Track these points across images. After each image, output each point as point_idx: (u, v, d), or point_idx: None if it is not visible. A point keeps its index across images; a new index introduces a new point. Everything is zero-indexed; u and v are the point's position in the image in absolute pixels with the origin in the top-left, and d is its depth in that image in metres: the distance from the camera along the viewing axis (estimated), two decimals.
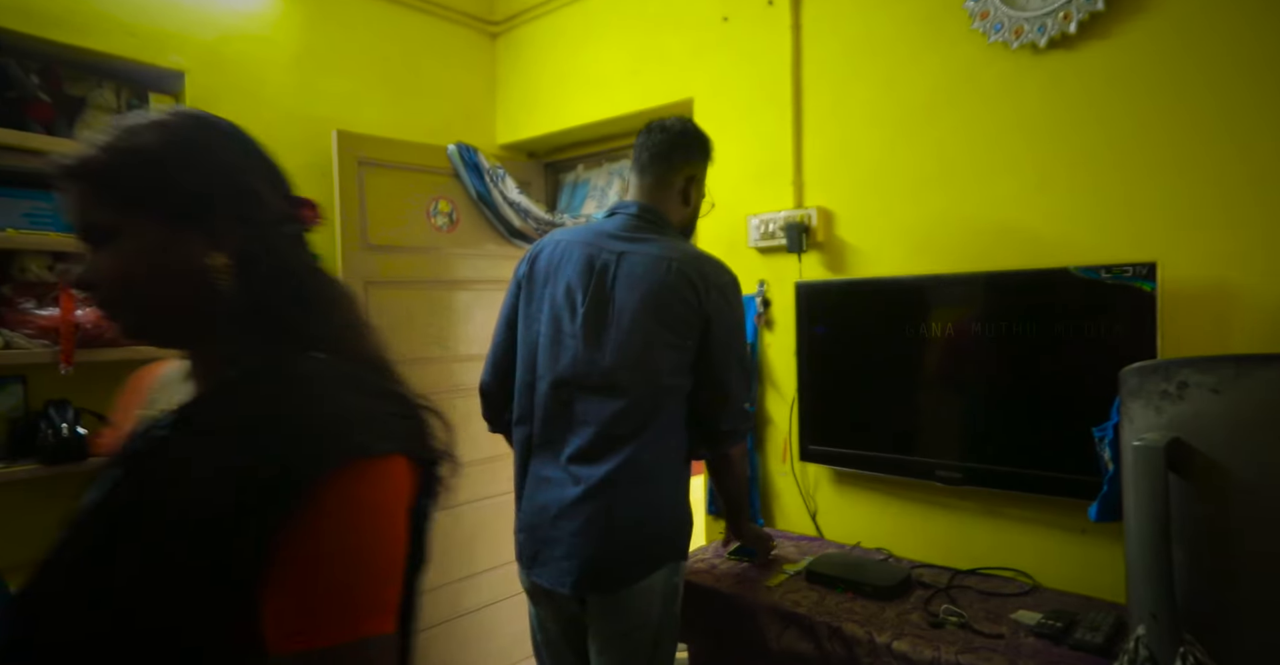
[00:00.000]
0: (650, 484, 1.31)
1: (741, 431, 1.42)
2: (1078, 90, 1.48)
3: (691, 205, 1.47)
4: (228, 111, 1.97)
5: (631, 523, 1.29)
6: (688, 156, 1.43)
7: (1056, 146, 1.51)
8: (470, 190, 2.45)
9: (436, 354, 2.41)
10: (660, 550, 1.34)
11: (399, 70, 2.41)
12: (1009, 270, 1.55)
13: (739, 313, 1.39)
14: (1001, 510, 1.61)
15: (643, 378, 1.29)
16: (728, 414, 1.37)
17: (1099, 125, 1.46)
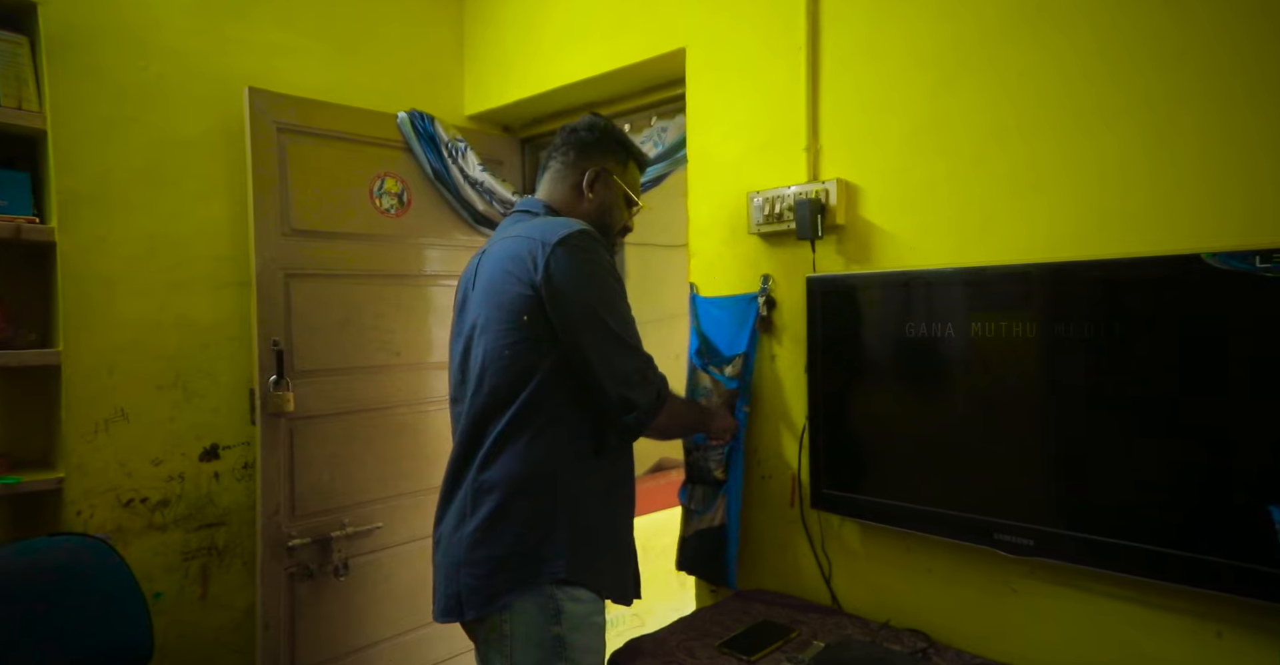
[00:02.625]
0: (487, 495, 1.13)
1: (639, 402, 1.14)
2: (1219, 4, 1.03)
3: (597, 200, 1.30)
4: (102, 58, 1.52)
5: (464, 546, 1.14)
6: (588, 151, 1.31)
7: (1185, 86, 1.06)
8: (425, 166, 2.07)
9: (383, 361, 2.02)
10: (514, 575, 1.11)
11: (343, 24, 2.03)
12: (1109, 259, 1.10)
13: (591, 264, 1.14)
14: (1096, 591, 1.16)
15: (489, 380, 1.16)
16: (610, 383, 1.12)
17: (1250, 50, 1.01)
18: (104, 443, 1.63)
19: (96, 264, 1.62)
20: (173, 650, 1.70)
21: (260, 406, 1.77)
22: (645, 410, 1.14)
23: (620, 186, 1.32)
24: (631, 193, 1.34)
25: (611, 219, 1.31)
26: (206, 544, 1.79)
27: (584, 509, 1.15)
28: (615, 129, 1.34)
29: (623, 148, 1.33)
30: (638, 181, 1.38)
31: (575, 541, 1.13)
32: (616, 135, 1.33)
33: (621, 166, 1.33)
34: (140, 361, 1.68)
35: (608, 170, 1.30)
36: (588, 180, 1.29)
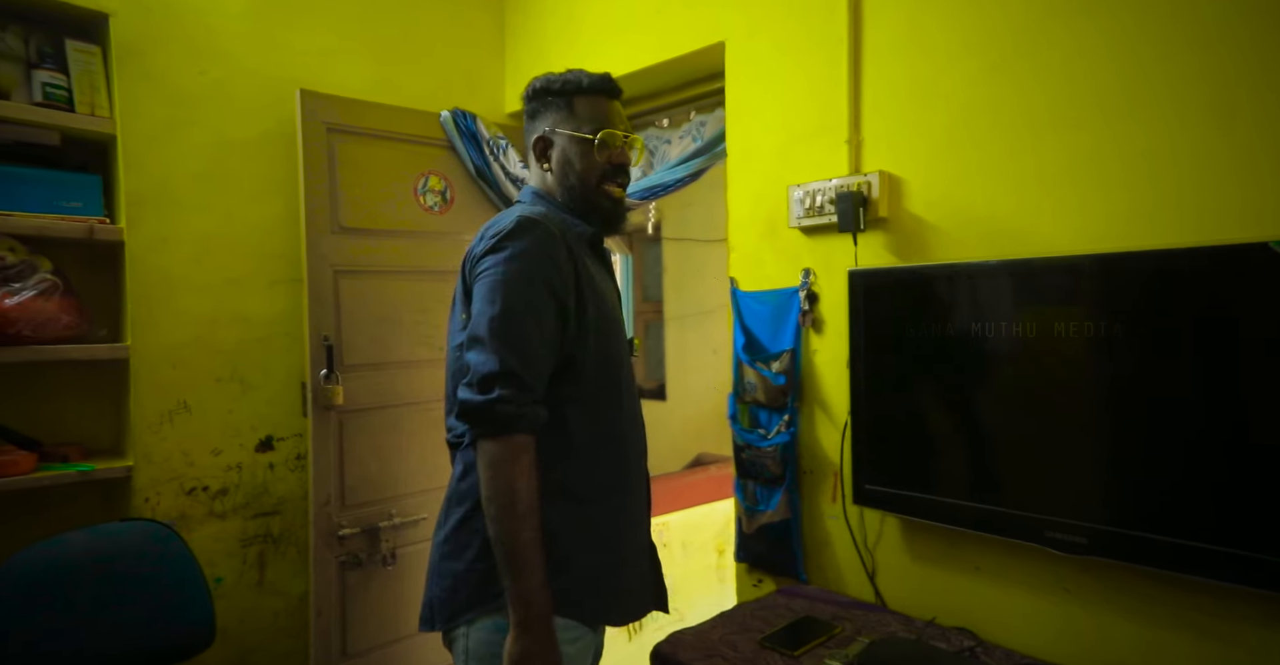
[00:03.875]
0: (458, 505, 1.05)
1: (473, 408, 0.94)
2: None
3: (555, 167, 1.13)
4: (165, 64, 1.61)
5: (437, 556, 1.08)
6: (532, 124, 1.17)
7: (1248, 66, 1.02)
8: (468, 164, 2.10)
9: (427, 356, 2.06)
10: (474, 592, 1.01)
11: (388, 26, 2.07)
12: (1165, 249, 1.06)
13: (509, 252, 0.99)
14: (1153, 594, 1.12)
15: (449, 383, 1.11)
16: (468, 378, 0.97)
17: None
18: (168, 433, 1.71)
19: (159, 262, 1.69)
20: (232, 633, 1.77)
21: (312, 399, 1.83)
22: (475, 412, 0.93)
23: (567, 135, 1.11)
24: (580, 131, 1.10)
25: (579, 177, 1.11)
26: (262, 532, 1.86)
27: (556, 531, 0.99)
28: (543, 80, 1.14)
29: (553, 93, 1.13)
30: (600, 110, 1.12)
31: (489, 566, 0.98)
32: (544, 85, 1.14)
33: (564, 112, 1.12)
34: (200, 356, 1.75)
35: (551, 129, 1.12)
36: (537, 153, 1.14)
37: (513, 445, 0.94)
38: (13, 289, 1.44)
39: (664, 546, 2.92)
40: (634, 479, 1.13)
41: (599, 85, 1.13)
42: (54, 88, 1.51)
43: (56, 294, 1.51)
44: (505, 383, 0.93)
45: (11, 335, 1.44)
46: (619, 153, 1.13)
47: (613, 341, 1.09)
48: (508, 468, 0.93)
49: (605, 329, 1.07)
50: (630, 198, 2.03)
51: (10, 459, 1.45)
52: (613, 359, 1.09)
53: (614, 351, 1.09)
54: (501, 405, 0.92)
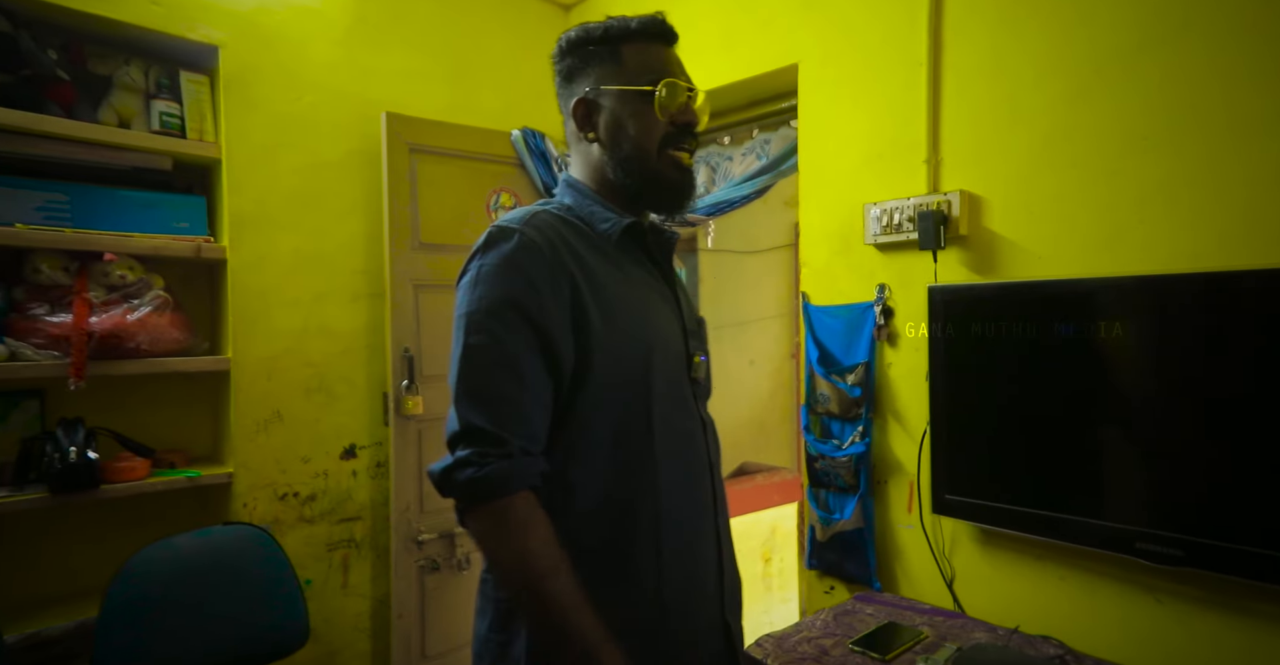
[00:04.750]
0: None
1: (437, 479, 0.77)
2: None
3: (603, 134, 0.89)
4: (265, 91, 1.73)
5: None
6: (567, 87, 0.93)
7: None
8: (536, 181, 2.17)
9: None
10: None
11: (460, 47, 2.16)
12: (1256, 269, 1.10)
13: (472, 273, 0.84)
14: (1242, 603, 1.15)
15: None
16: None
17: None
18: (264, 442, 1.79)
19: (256, 279, 1.78)
20: (320, 634, 1.84)
21: (393, 409, 1.91)
22: (443, 493, 0.77)
23: (616, 92, 0.88)
24: (635, 84, 0.88)
25: (635, 143, 0.89)
26: (346, 537, 1.93)
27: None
28: (580, 30, 0.93)
29: (594, 42, 0.91)
30: (656, 58, 0.90)
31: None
32: (582, 35, 0.92)
33: (610, 65, 0.89)
34: (292, 368, 1.84)
35: (595, 87, 0.90)
36: (578, 119, 0.91)
37: (498, 513, 0.74)
38: (133, 305, 1.53)
39: None
40: (672, 557, 0.86)
41: (652, 27, 0.90)
42: (169, 116, 1.61)
43: (168, 310, 1.60)
44: (470, 441, 0.75)
45: (131, 349, 1.53)
46: (684, 109, 0.89)
47: (638, 367, 0.84)
48: (504, 541, 0.74)
49: (624, 352, 0.83)
50: (695, 214, 2.09)
51: (129, 465, 1.54)
52: (638, 392, 0.84)
53: (641, 381, 0.84)
54: (463, 470, 0.74)
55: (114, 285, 1.55)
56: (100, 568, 1.48)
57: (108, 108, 1.57)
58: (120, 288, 1.54)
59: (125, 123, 1.58)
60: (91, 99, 1.56)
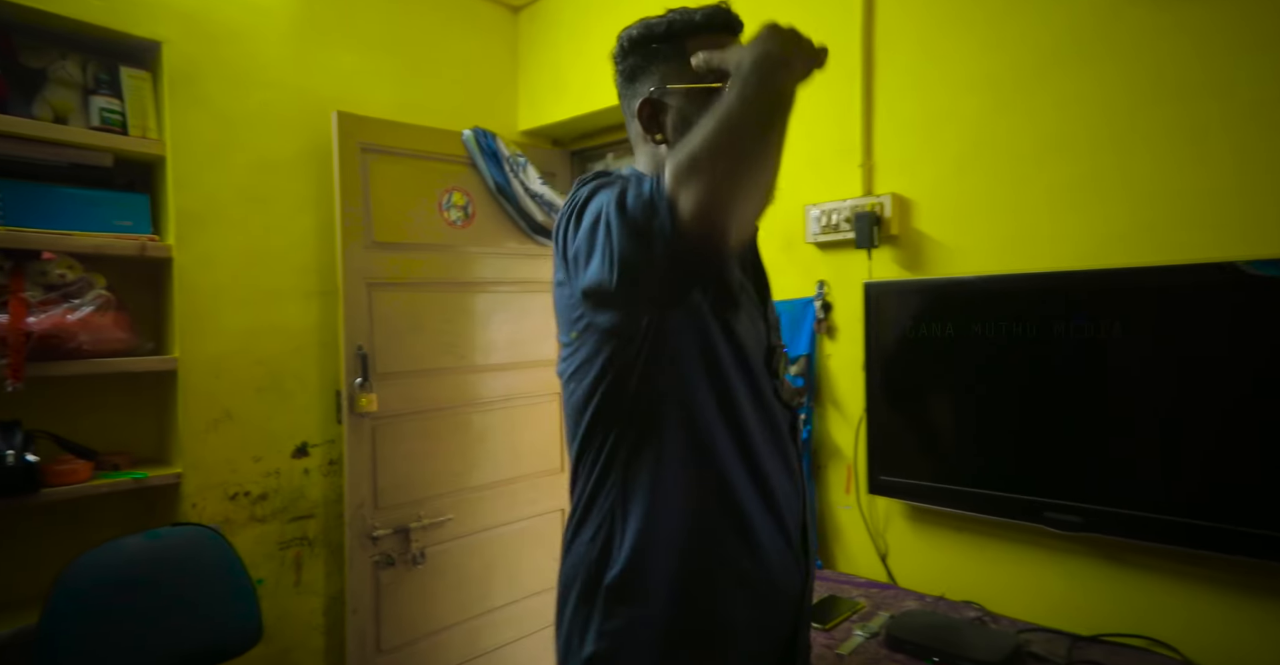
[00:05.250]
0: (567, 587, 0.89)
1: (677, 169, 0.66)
2: (1243, 38, 1.17)
3: (673, 136, 0.87)
4: (212, 88, 1.73)
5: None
6: (631, 85, 0.90)
7: (1216, 109, 1.20)
8: (488, 180, 2.20)
9: (450, 364, 2.16)
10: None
11: (411, 47, 2.17)
12: (1146, 266, 1.24)
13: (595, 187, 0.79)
14: (1134, 562, 1.30)
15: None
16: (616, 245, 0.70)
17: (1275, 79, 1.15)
18: (213, 441, 1.77)
19: (205, 277, 1.76)
20: (273, 632, 1.83)
21: (347, 407, 1.91)
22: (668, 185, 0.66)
23: (685, 90, 0.86)
24: (705, 79, 0.83)
25: None
26: (299, 535, 1.93)
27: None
28: (641, 27, 0.89)
29: (658, 39, 0.88)
30: (715, 52, 0.81)
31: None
32: (644, 32, 0.89)
33: (676, 62, 0.86)
34: (243, 367, 1.82)
35: (661, 86, 0.87)
36: (643, 120, 0.89)
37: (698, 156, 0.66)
38: (73, 305, 1.50)
39: None
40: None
41: (717, 19, 0.87)
42: (110, 112, 1.57)
43: (111, 309, 1.57)
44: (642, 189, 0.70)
45: (72, 349, 1.49)
46: None
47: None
48: (713, 128, 0.66)
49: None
50: None
51: (70, 468, 1.50)
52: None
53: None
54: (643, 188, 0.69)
55: (53, 284, 1.51)
56: (43, 573, 1.45)
57: (42, 102, 1.53)
58: (60, 287, 1.51)
59: (62, 118, 1.54)
60: (24, 93, 1.51)
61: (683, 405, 0.82)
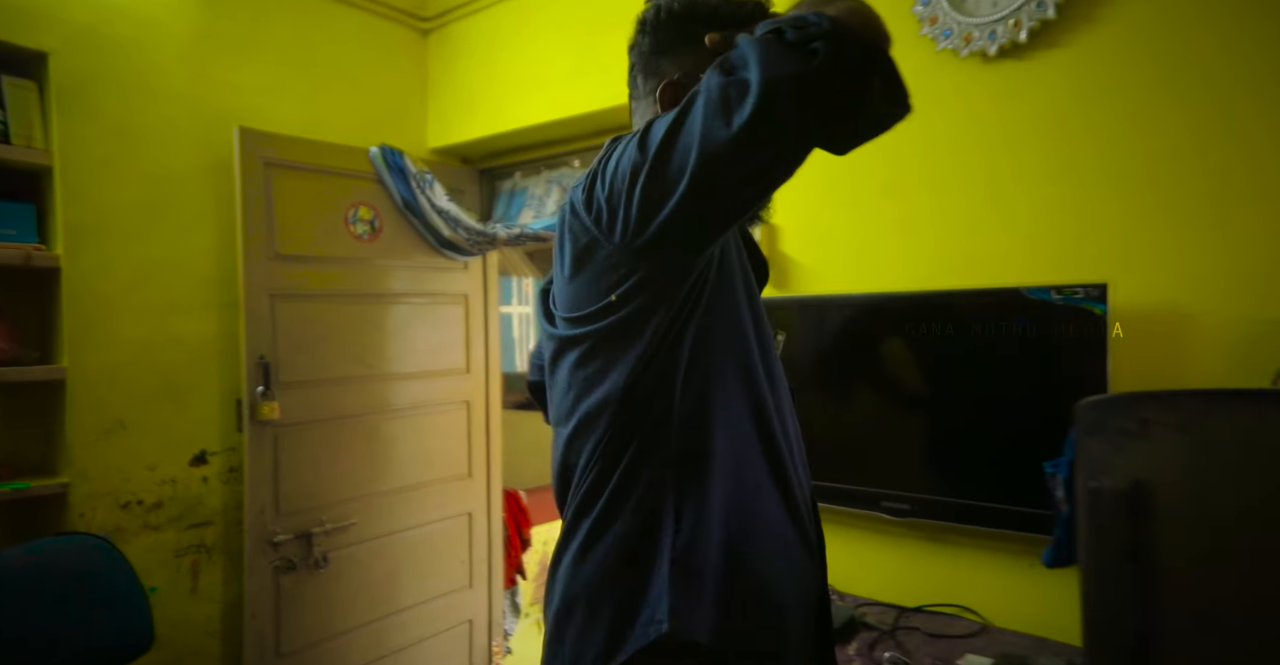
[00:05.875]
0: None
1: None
2: (1030, 101, 1.40)
3: None
4: (105, 101, 1.77)
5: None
6: (653, 64, 0.87)
7: (1009, 160, 1.44)
8: (395, 196, 2.28)
9: (359, 373, 2.21)
10: None
11: (318, 63, 2.22)
12: (959, 290, 1.46)
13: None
14: (951, 542, 1.51)
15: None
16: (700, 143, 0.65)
17: (1052, 138, 1.38)
18: (104, 450, 1.77)
19: (97, 287, 1.76)
20: (167, 640, 1.84)
21: (248, 415, 1.94)
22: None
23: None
24: None
25: None
26: (196, 542, 1.94)
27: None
28: (674, 4, 0.85)
29: (695, 22, 0.84)
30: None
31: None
32: (679, 13, 0.85)
33: (699, 51, 0.83)
34: (137, 376, 1.83)
35: (692, 70, 0.83)
36: (666, 102, 0.85)
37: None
38: None
39: None
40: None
41: (761, 17, 0.84)
42: None
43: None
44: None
45: None
46: None
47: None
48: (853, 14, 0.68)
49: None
50: (548, 231, 2.29)
51: None
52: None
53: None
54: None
55: None
56: None
57: None
58: None
59: None
60: None
61: (738, 359, 0.81)
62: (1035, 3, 1.34)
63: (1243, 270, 1.21)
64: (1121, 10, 1.30)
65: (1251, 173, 1.20)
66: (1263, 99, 1.19)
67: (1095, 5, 1.31)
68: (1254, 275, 1.20)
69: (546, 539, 3.01)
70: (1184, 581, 0.85)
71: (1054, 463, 1.13)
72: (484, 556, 2.55)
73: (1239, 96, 1.21)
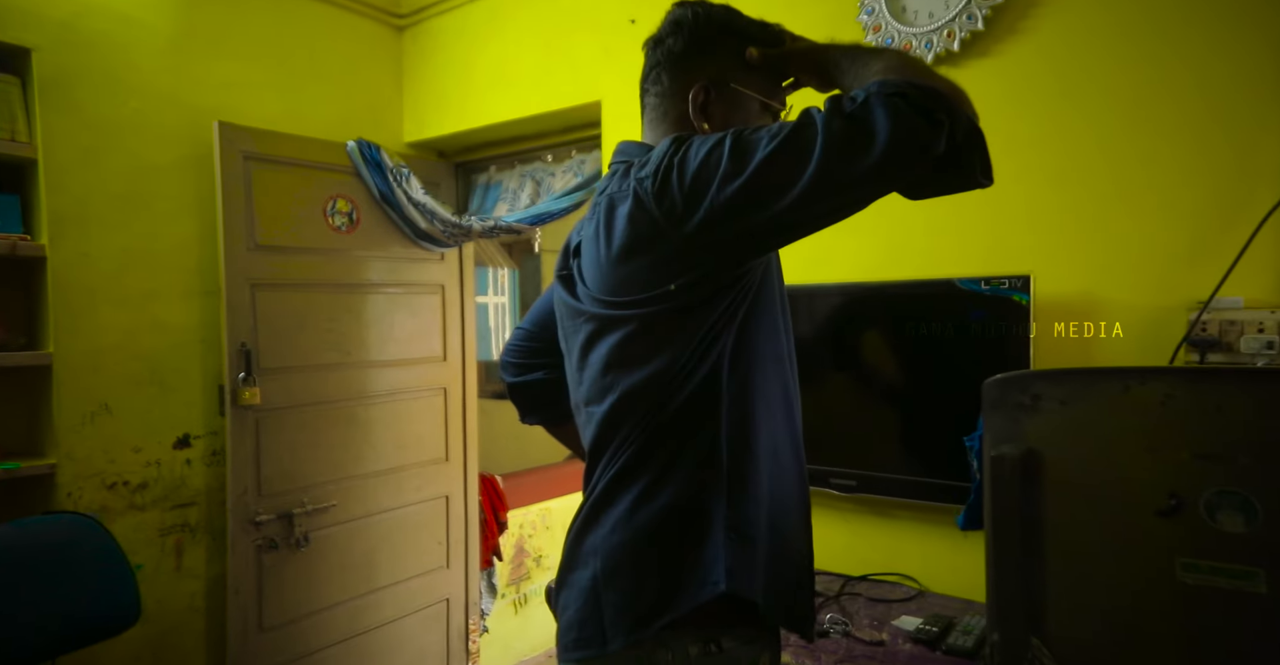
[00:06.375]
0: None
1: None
2: None
3: (719, 125, 0.90)
4: (87, 95, 1.85)
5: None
6: (685, 64, 0.91)
7: None
8: (373, 189, 2.35)
9: (338, 360, 2.29)
10: None
11: (295, 59, 2.28)
12: (899, 281, 1.57)
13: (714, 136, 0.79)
14: (893, 516, 1.63)
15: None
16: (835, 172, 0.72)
17: None
18: (90, 433, 1.84)
19: (81, 276, 1.83)
20: (152, 615, 1.92)
21: (230, 400, 2.02)
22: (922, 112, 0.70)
23: (745, 94, 0.90)
24: (765, 95, 0.91)
25: None
26: (180, 522, 2.02)
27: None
28: (711, 11, 0.91)
29: (732, 33, 0.90)
30: (776, 69, 0.91)
31: None
32: (717, 20, 0.90)
33: (739, 61, 0.90)
34: (121, 361, 1.90)
35: (721, 78, 0.89)
36: (697, 105, 0.89)
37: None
38: None
39: (548, 528, 3.27)
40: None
41: (775, 35, 0.92)
42: None
43: None
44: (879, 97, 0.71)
45: None
46: None
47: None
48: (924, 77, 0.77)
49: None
50: (522, 223, 2.38)
51: None
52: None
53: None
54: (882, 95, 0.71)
55: None
56: None
57: None
58: None
59: None
60: None
61: (774, 345, 0.91)
62: (966, 15, 1.44)
63: (1146, 261, 1.33)
64: (1041, 24, 1.41)
65: (1151, 173, 1.32)
66: (1157, 106, 1.31)
67: (1018, 19, 1.42)
68: (1155, 266, 1.32)
69: (522, 522, 3.11)
70: (1064, 536, 0.97)
71: (971, 437, 1.25)
72: (460, 538, 2.65)
73: (1139, 103, 1.33)
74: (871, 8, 1.58)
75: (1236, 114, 1.25)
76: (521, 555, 3.10)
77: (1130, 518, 0.91)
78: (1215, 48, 1.26)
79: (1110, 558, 0.93)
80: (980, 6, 1.43)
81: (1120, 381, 0.92)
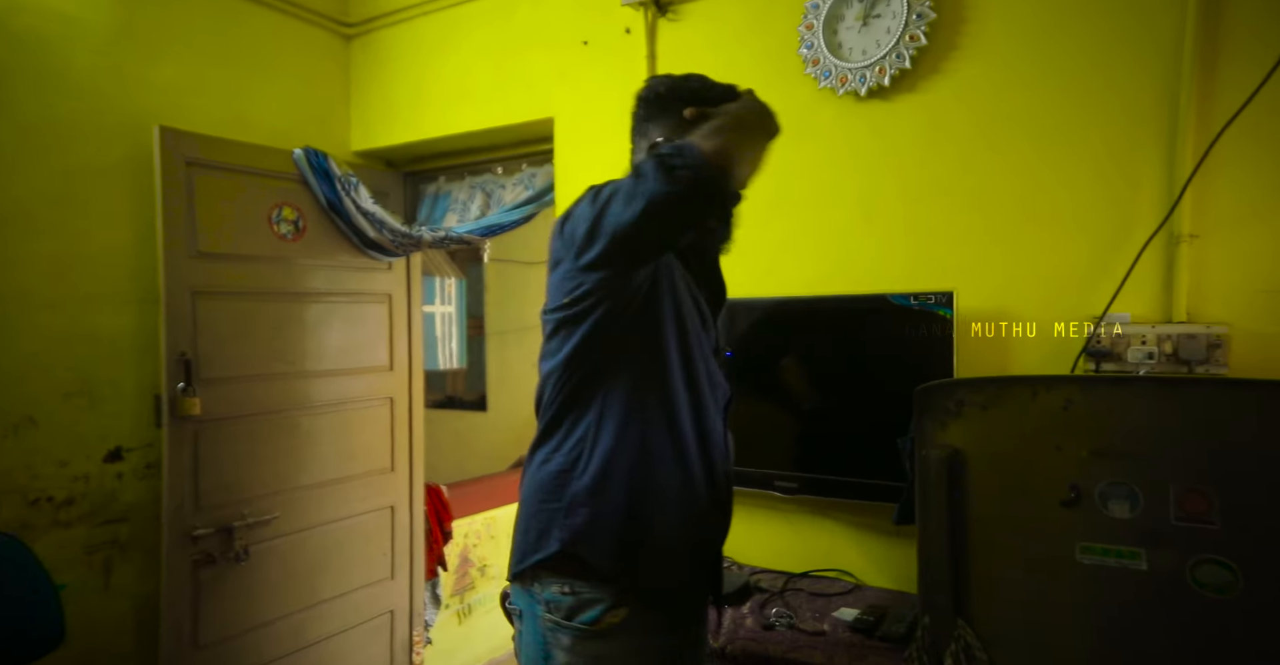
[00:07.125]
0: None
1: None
2: (892, 135, 1.65)
3: None
4: (19, 97, 1.78)
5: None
6: (645, 129, 1.17)
7: (878, 184, 1.68)
8: (320, 198, 2.33)
9: (282, 369, 2.25)
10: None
11: (240, 64, 2.24)
12: (836, 295, 1.69)
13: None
14: (832, 515, 1.74)
15: None
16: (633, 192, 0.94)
17: (910, 167, 1.63)
18: (11, 447, 1.75)
19: (6, 281, 1.74)
20: (77, 636, 1.83)
21: (168, 411, 1.96)
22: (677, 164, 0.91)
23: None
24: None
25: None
26: (109, 538, 1.93)
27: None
28: (666, 82, 1.16)
29: (678, 98, 1.12)
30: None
31: None
32: (666, 89, 1.15)
33: (683, 120, 1.08)
34: (49, 371, 1.81)
35: (669, 136, 1.11)
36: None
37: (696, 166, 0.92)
38: None
39: (492, 537, 3.27)
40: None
41: (731, 98, 1.13)
42: None
43: None
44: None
45: None
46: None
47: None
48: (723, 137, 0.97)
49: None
50: (472, 234, 2.40)
51: None
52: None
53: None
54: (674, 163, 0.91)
55: None
56: None
57: None
58: None
59: None
60: None
61: (655, 360, 1.07)
62: (895, 54, 1.58)
63: (1053, 279, 1.49)
64: (961, 65, 1.56)
65: (1057, 200, 1.48)
66: (1060, 141, 1.48)
67: (940, 60, 1.57)
68: (1061, 283, 1.48)
69: (467, 531, 3.10)
70: (984, 527, 1.08)
71: (904, 440, 1.36)
72: (405, 548, 2.62)
73: (1044, 137, 1.49)
74: (810, 42, 1.70)
75: (1127, 150, 1.42)
76: (466, 565, 3.09)
77: (1039, 509, 1.03)
78: (1108, 92, 1.44)
79: (1023, 544, 1.04)
80: (907, 47, 1.57)
81: (1029, 388, 1.04)
